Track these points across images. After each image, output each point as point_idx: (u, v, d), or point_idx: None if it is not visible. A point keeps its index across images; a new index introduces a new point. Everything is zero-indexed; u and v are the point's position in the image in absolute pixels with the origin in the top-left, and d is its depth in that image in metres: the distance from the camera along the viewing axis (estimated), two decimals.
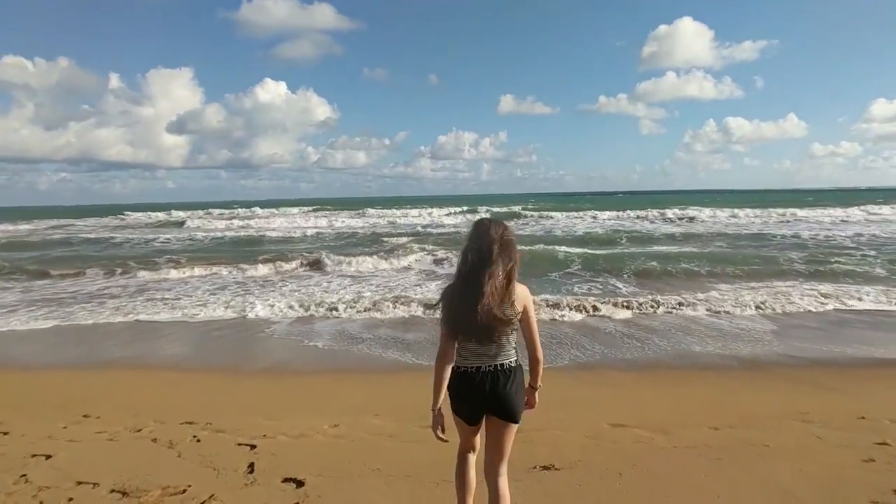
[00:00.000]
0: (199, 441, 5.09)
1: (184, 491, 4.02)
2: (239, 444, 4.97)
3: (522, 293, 2.71)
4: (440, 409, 2.78)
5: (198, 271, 17.58)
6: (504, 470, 2.87)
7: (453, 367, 2.72)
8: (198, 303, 12.84)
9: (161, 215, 54.54)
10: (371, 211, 52.73)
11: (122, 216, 56.30)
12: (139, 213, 60.08)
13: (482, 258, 2.58)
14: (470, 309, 2.56)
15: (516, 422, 2.78)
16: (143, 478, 4.26)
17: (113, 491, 4.05)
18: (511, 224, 2.86)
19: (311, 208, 62.13)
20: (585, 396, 6.38)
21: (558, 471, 4.23)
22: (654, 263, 17.00)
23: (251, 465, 4.47)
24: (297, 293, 13.89)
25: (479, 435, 2.94)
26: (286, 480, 4.18)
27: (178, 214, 53.84)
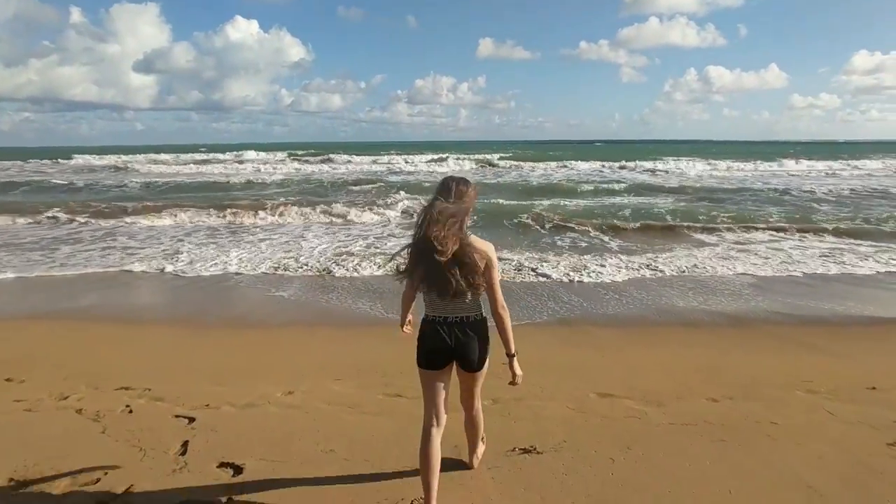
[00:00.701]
0: (131, 412, 4.44)
1: (98, 480, 3.38)
2: (176, 417, 4.33)
3: (483, 248, 2.75)
4: (408, 321, 3.18)
5: (167, 220, 16.64)
6: (478, 403, 3.11)
7: (424, 315, 2.86)
8: (161, 252, 12.07)
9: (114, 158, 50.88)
10: (341, 158, 50.80)
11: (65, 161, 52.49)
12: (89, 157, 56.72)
13: (434, 212, 2.64)
14: (426, 259, 2.64)
15: (478, 370, 2.89)
16: (55, 460, 3.61)
17: (12, 480, 3.39)
18: (472, 179, 2.93)
19: (284, 154, 58.05)
20: (567, 358, 5.84)
21: (540, 455, 3.66)
22: (631, 216, 16.51)
23: (185, 445, 3.84)
24: (265, 243, 13.14)
25: (442, 397, 2.88)
26: (222, 465, 3.56)
27: (133, 159, 49.84)
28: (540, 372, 5.22)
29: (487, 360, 2.92)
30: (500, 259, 3.27)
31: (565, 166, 39.64)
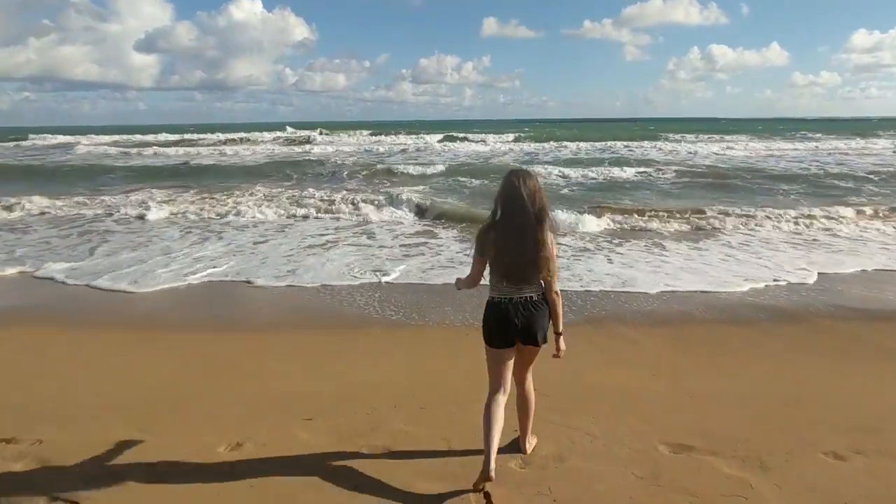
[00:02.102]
0: None
1: None
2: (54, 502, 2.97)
3: (550, 238, 2.88)
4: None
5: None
6: (530, 377, 3.18)
7: (490, 298, 2.98)
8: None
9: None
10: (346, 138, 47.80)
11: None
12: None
13: (519, 210, 2.82)
14: (510, 256, 2.84)
15: (540, 345, 2.97)
16: None
17: None
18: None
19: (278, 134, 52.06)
20: (608, 379, 4.50)
21: None
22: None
23: None
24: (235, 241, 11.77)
25: (509, 372, 3.03)
26: None
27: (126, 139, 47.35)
28: (580, 402, 3.89)
29: (547, 335, 2.99)
30: None
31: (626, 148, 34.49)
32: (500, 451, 2.96)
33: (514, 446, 3.30)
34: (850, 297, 6.93)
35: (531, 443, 3.29)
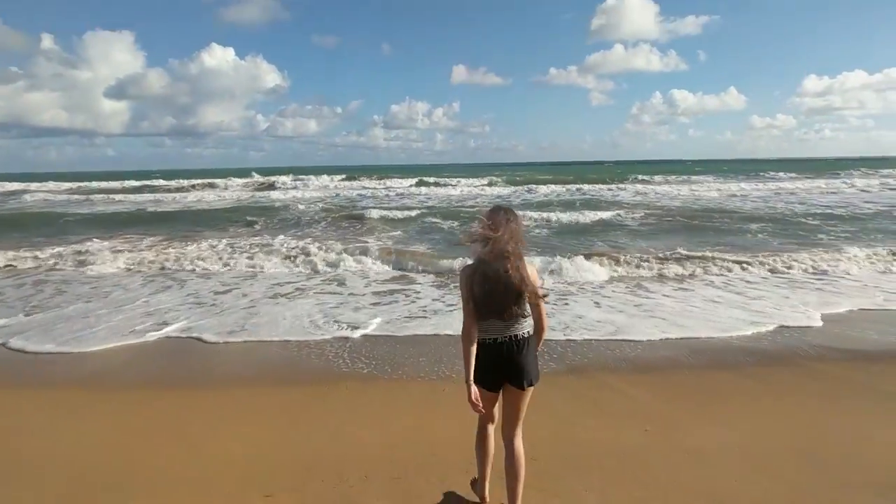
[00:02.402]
0: None
1: None
2: None
3: (533, 272, 2.91)
4: (471, 380, 2.87)
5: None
6: (519, 432, 3.05)
7: (479, 339, 2.88)
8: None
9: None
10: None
11: None
12: None
13: (501, 248, 2.79)
14: (494, 293, 2.80)
15: (530, 386, 2.93)
16: None
17: None
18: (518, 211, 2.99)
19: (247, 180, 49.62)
20: (597, 437, 4.16)
21: None
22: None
23: None
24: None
25: (497, 405, 3.08)
26: None
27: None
28: (572, 465, 3.51)
29: (538, 378, 2.96)
30: None
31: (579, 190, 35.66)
32: None
33: None
34: (848, 338, 6.69)
35: None
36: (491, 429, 3.14)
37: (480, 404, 2.85)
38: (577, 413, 4.64)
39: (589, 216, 20.00)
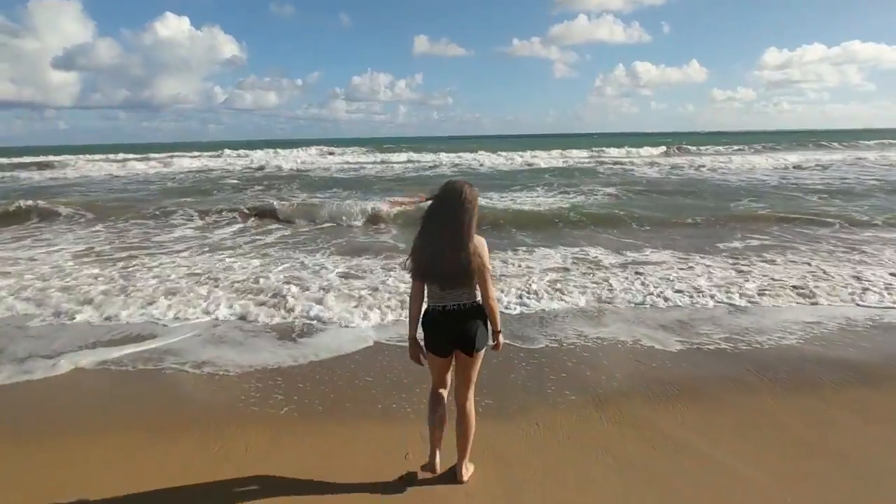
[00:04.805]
0: None
1: None
2: None
3: (480, 243, 2.87)
4: (415, 338, 3.01)
5: None
6: (471, 395, 3.07)
7: (426, 306, 2.95)
8: None
9: None
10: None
11: None
12: None
13: (446, 215, 2.80)
14: (435, 259, 2.82)
15: (478, 352, 2.95)
16: None
17: None
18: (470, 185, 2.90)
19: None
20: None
21: None
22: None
23: None
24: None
25: (449, 371, 3.06)
26: None
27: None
28: None
29: (485, 344, 2.97)
30: None
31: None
32: (438, 481, 3.04)
33: (450, 476, 3.13)
34: None
35: (468, 469, 3.16)
36: (443, 394, 3.10)
37: (425, 364, 3.04)
38: (596, 460, 2.90)
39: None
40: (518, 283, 7.06)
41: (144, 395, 4.39)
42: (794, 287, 6.72)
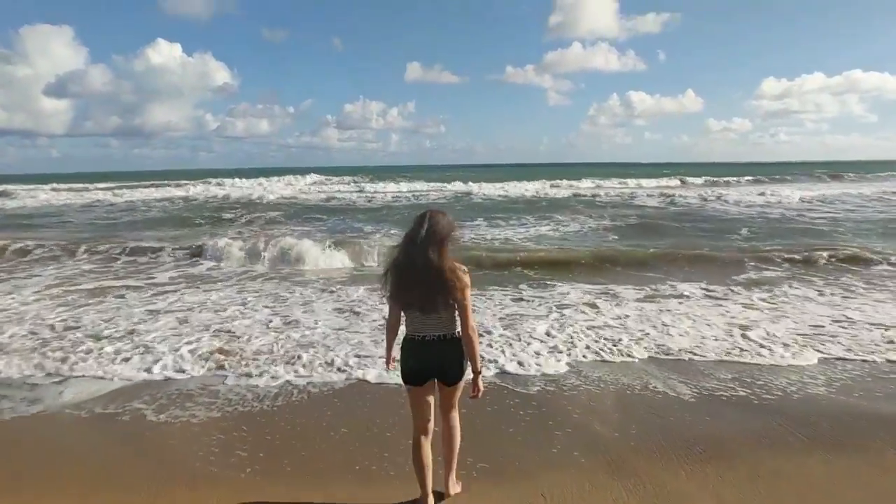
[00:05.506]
0: None
1: None
2: None
3: (458, 267, 2.81)
4: (390, 352, 3.05)
5: None
6: (455, 413, 3.04)
7: (405, 334, 2.92)
8: None
9: None
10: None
11: None
12: None
13: (422, 248, 2.73)
14: (418, 295, 2.78)
15: (457, 383, 2.92)
16: None
17: None
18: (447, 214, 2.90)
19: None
20: None
21: None
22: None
23: None
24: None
25: (430, 412, 2.96)
26: None
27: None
28: None
29: (464, 373, 2.93)
30: None
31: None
32: None
33: (437, 495, 3.05)
34: None
35: (455, 487, 3.13)
36: (425, 441, 2.96)
37: (393, 366, 3.04)
38: None
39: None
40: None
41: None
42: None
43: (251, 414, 4.26)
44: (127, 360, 5.33)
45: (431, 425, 2.98)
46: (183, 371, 5.11)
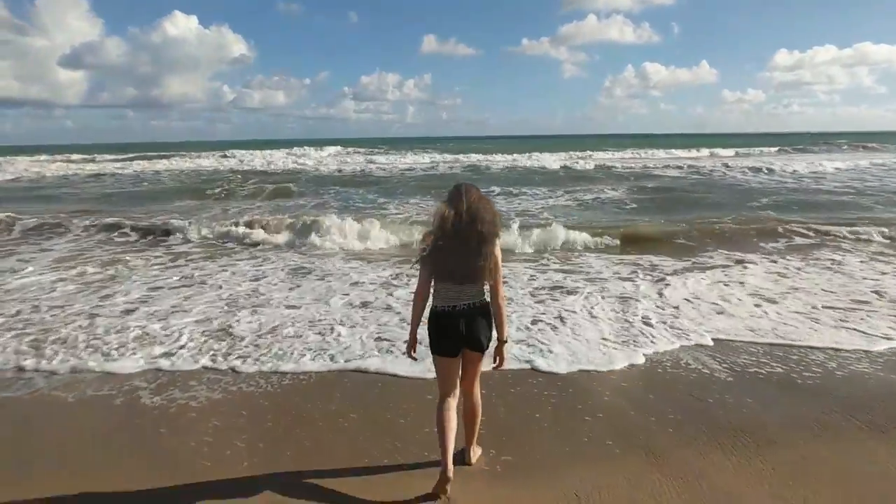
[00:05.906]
0: None
1: None
2: None
3: (496, 244, 2.85)
4: (415, 335, 2.98)
5: None
6: (477, 385, 3.06)
7: (434, 307, 2.89)
8: None
9: None
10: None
11: None
12: None
13: (463, 220, 2.73)
14: (453, 264, 2.76)
15: (484, 350, 2.90)
16: None
17: None
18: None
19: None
20: None
21: None
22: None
23: None
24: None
25: (457, 377, 2.96)
26: None
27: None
28: None
29: (491, 340, 2.93)
30: None
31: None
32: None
33: (458, 457, 3.04)
34: None
35: (476, 453, 3.17)
36: (452, 402, 2.93)
37: (416, 354, 3.01)
38: None
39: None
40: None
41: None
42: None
43: (269, 395, 3.97)
44: (133, 346, 5.06)
45: (458, 390, 2.98)
46: (184, 349, 4.84)
